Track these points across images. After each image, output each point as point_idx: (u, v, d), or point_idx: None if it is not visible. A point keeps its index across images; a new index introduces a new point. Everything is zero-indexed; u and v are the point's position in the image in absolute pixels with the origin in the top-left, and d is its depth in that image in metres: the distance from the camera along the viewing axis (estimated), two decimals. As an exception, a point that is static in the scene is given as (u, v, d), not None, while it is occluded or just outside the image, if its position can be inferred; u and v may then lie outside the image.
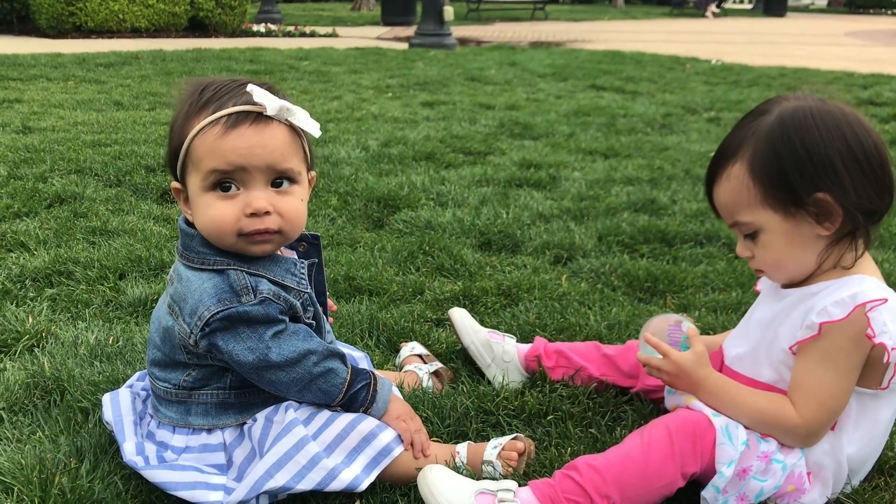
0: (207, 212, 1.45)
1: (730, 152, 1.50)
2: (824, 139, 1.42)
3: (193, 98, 1.48)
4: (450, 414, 1.80)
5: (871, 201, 1.44)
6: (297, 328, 1.53)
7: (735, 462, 1.45)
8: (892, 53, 12.64)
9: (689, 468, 1.47)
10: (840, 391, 1.46)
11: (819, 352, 1.45)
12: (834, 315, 1.42)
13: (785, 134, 1.44)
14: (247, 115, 1.44)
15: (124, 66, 7.93)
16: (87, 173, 3.78)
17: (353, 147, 4.52)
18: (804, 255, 1.49)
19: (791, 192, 1.44)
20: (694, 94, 7.15)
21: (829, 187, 1.42)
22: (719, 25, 20.23)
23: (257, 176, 1.45)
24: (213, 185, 1.45)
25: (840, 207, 1.42)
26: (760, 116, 1.49)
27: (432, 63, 9.15)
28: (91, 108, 5.59)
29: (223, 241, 1.47)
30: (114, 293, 2.46)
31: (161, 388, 1.57)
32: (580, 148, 4.78)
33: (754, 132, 1.47)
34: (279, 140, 1.46)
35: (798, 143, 1.42)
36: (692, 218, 3.37)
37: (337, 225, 3.22)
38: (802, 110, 1.45)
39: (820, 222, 1.45)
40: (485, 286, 2.54)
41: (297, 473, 1.44)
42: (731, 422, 1.50)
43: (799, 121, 1.44)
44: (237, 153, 1.42)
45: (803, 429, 1.48)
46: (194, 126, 1.44)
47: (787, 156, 1.43)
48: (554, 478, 1.48)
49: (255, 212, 1.44)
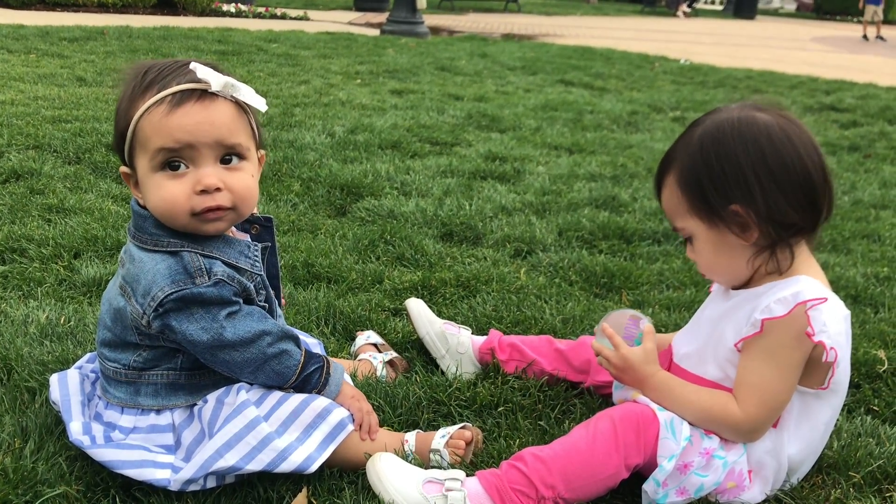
0: (158, 192, 1.45)
1: (667, 162, 1.57)
2: (738, 152, 1.45)
3: (137, 80, 1.47)
4: (402, 403, 1.81)
5: (788, 216, 1.46)
6: (252, 310, 1.54)
7: (676, 456, 1.48)
8: (855, 61, 12.87)
9: (633, 460, 1.50)
10: (782, 388, 1.49)
11: (761, 349, 1.49)
12: (775, 312, 1.46)
13: (703, 146, 1.49)
14: (192, 92, 1.43)
15: (89, 42, 7.77)
16: (45, 149, 3.72)
17: (318, 133, 4.50)
18: (733, 262, 1.54)
19: (708, 203, 1.49)
20: (661, 93, 7.22)
21: (742, 200, 1.46)
22: (690, 25, 20.41)
23: (206, 153, 1.45)
24: (161, 165, 1.44)
25: (755, 220, 1.47)
26: (694, 128, 1.54)
27: (403, 51, 9.12)
28: (53, 83, 5.48)
29: (176, 222, 1.47)
30: (68, 272, 2.42)
31: (111, 369, 1.56)
32: (546, 142, 4.81)
33: (686, 143, 1.53)
34: (226, 116, 1.46)
35: (713, 155, 1.47)
36: (651, 216, 3.41)
37: (298, 210, 3.21)
38: (725, 122, 1.49)
39: (741, 232, 1.49)
40: (444, 277, 2.55)
41: (246, 454, 1.45)
42: (675, 417, 1.53)
43: (718, 133, 1.48)
44: (184, 130, 1.42)
45: (745, 425, 1.51)
46: (139, 108, 1.44)
47: (704, 168, 1.48)
48: (501, 468, 1.50)
49: (206, 188, 1.44)
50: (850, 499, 1.60)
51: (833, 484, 1.65)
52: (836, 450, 1.73)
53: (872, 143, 5.57)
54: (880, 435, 1.82)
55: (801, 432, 1.57)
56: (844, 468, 1.69)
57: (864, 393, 2.03)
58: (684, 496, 1.52)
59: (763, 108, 1.52)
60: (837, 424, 1.81)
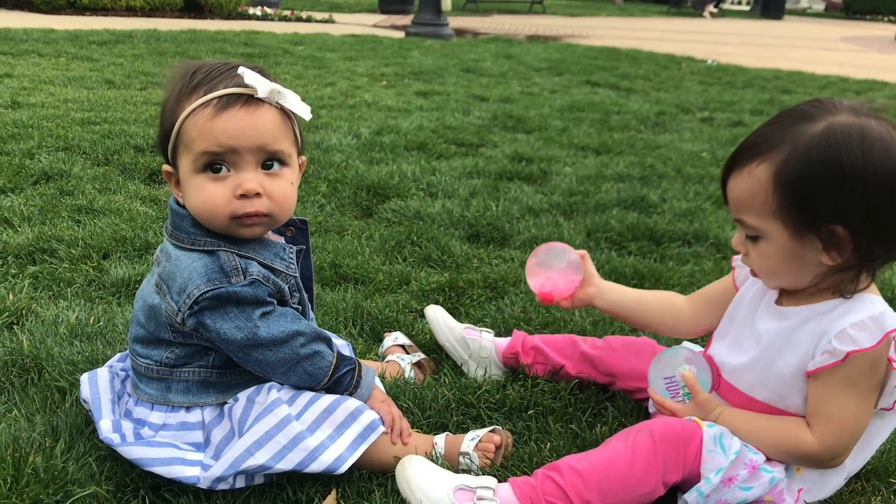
0: (199, 194, 1.46)
1: (759, 150, 1.38)
2: (867, 171, 1.28)
3: (185, 80, 1.48)
4: (431, 405, 1.80)
5: (887, 247, 1.36)
6: (285, 311, 1.54)
7: (724, 470, 1.44)
8: (886, 60, 12.68)
9: (671, 477, 1.46)
10: (861, 414, 1.42)
11: (841, 378, 1.39)
12: (861, 342, 1.36)
13: (828, 152, 1.30)
14: (238, 97, 1.44)
15: (117, 45, 7.85)
16: (75, 151, 3.75)
17: (344, 134, 4.50)
18: (800, 274, 1.42)
19: (809, 214, 1.33)
20: (688, 94, 7.15)
21: (851, 223, 1.31)
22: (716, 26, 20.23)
23: (248, 158, 1.45)
24: (203, 167, 1.45)
25: (853, 244, 1.34)
26: (805, 122, 1.35)
27: (428, 53, 9.12)
28: (82, 86, 5.54)
29: (215, 223, 1.48)
30: (97, 273, 2.43)
31: (142, 365, 1.56)
32: (572, 143, 4.77)
33: (794, 138, 1.34)
34: (270, 122, 1.46)
35: (837, 167, 1.29)
36: (681, 217, 3.37)
37: (325, 212, 3.20)
38: (855, 129, 1.30)
39: (827, 250, 1.36)
40: (471, 278, 2.53)
41: (277, 453, 1.44)
42: (725, 431, 1.48)
43: (847, 141, 1.29)
44: (228, 134, 1.42)
45: (824, 454, 1.45)
46: (185, 108, 1.45)
47: (821, 178, 1.30)
48: (535, 477, 1.47)
49: (246, 193, 1.45)
50: (892, 506, 1.56)
51: (874, 491, 1.61)
52: (877, 455, 1.69)
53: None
54: (922, 441, 1.77)
55: (862, 452, 1.52)
56: (885, 475, 1.65)
57: (904, 398, 1.98)
58: (722, 507, 1.48)
59: (873, 113, 1.34)
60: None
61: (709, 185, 3.94)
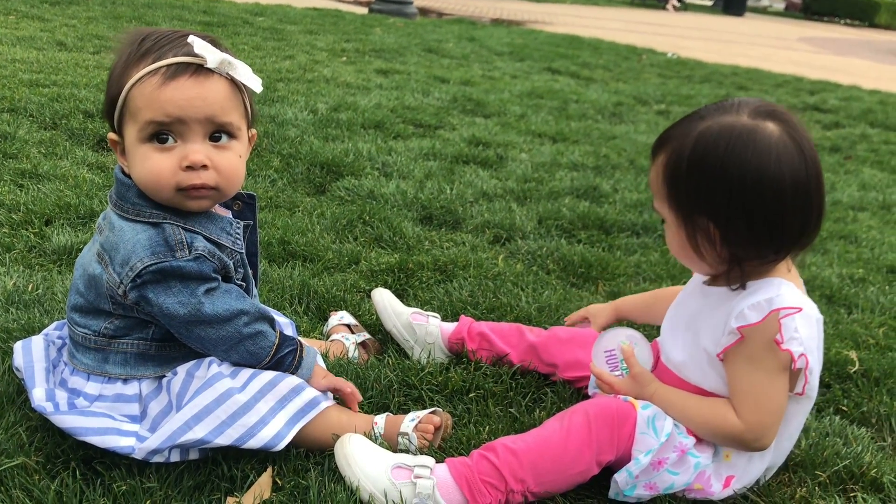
0: (144, 164, 1.43)
1: (662, 142, 1.51)
2: (728, 170, 1.37)
3: (133, 47, 1.45)
4: (373, 385, 1.80)
5: (758, 247, 1.42)
6: (230, 288, 1.52)
7: (653, 451, 1.47)
8: (841, 62, 12.94)
9: (605, 456, 1.49)
10: (773, 392, 1.46)
11: (744, 356, 1.46)
12: (750, 319, 1.44)
13: (697, 147, 1.41)
14: (187, 66, 1.42)
15: (71, 6, 7.62)
16: (21, 113, 3.64)
17: (300, 109, 4.45)
18: (696, 259, 1.50)
19: (681, 205, 1.46)
20: (647, 86, 7.21)
21: (716, 218, 1.42)
22: (679, 19, 20.42)
23: (195, 128, 1.43)
24: (150, 137, 1.43)
25: (720, 237, 1.43)
26: (699, 119, 1.46)
27: (391, 31, 9.03)
28: (31, 46, 5.37)
29: (160, 195, 1.45)
30: (38, 239, 2.38)
31: (80, 334, 1.54)
32: (530, 130, 4.79)
33: (683, 132, 1.46)
34: (219, 93, 1.44)
35: (702, 162, 1.40)
36: (631, 208, 3.41)
37: (277, 187, 3.17)
38: (729, 130, 1.40)
39: (706, 242, 1.45)
40: (421, 261, 2.53)
41: (215, 428, 1.43)
42: (658, 413, 1.52)
43: (718, 139, 1.40)
44: (175, 104, 1.40)
45: (749, 433, 1.48)
46: (133, 76, 1.42)
47: (688, 169, 1.42)
48: (471, 457, 1.48)
49: (192, 164, 1.43)
50: (816, 497, 1.61)
51: (799, 482, 1.66)
52: (804, 448, 1.74)
53: (854, 144, 5.61)
54: (847, 435, 1.83)
55: (780, 438, 1.56)
56: (811, 467, 1.70)
57: (835, 393, 2.04)
58: (652, 491, 1.51)
59: (778, 114, 1.43)
60: (806, 424, 1.82)
61: (661, 178, 3.98)
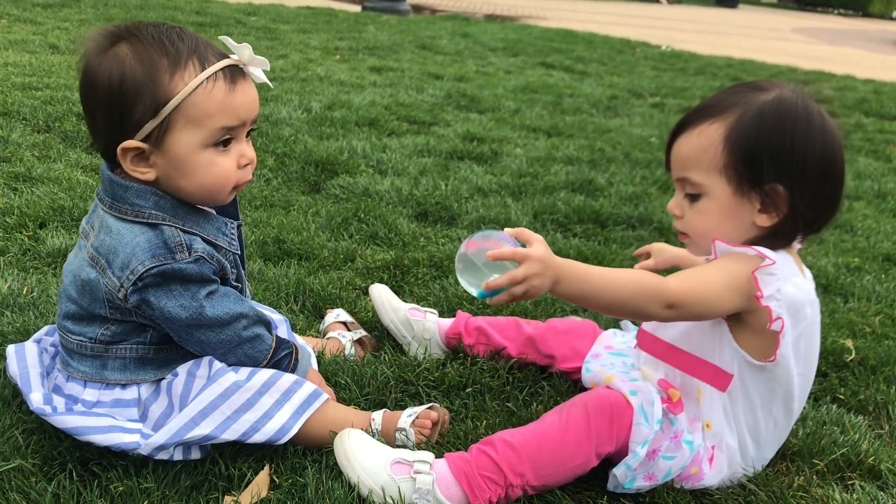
0: (209, 169, 1.44)
1: (711, 112, 1.49)
2: (809, 138, 1.44)
3: (155, 51, 1.39)
4: (370, 382, 1.80)
5: (817, 212, 1.48)
6: (228, 291, 1.53)
7: (649, 442, 1.48)
8: (835, 52, 12.94)
9: (604, 448, 1.49)
10: (716, 284, 1.42)
11: (716, 264, 1.47)
12: (732, 247, 1.46)
13: (777, 117, 1.44)
14: (238, 69, 1.46)
15: (63, 8, 7.60)
16: (14, 116, 3.63)
17: (295, 108, 4.44)
18: (734, 232, 1.50)
19: (755, 171, 1.45)
20: (641, 79, 7.21)
21: (791, 184, 1.44)
22: (673, 12, 20.40)
23: (245, 129, 1.49)
24: (217, 142, 1.44)
25: (789, 207, 1.45)
26: (756, 91, 1.49)
27: (384, 28, 9.02)
28: (24, 50, 5.35)
29: (219, 197, 1.49)
30: (32, 242, 2.37)
31: (74, 342, 1.52)
32: (524, 125, 4.79)
33: (746, 103, 1.47)
34: (257, 92, 1.51)
35: (785, 131, 1.44)
36: (627, 201, 3.41)
37: (272, 186, 3.17)
38: (800, 103, 1.47)
39: (764, 210, 1.47)
40: (417, 257, 2.53)
41: (221, 423, 1.44)
42: (645, 400, 1.52)
43: (794, 111, 1.45)
44: (245, 108, 1.45)
45: (672, 296, 1.39)
46: (182, 82, 1.39)
47: (770, 138, 1.44)
48: (470, 452, 1.48)
49: (250, 161, 1.49)
50: (813, 486, 1.62)
51: (797, 471, 1.67)
52: (801, 437, 1.74)
53: (848, 134, 5.60)
54: (845, 424, 1.84)
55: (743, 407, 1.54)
56: (808, 456, 1.70)
57: (831, 382, 2.05)
58: (651, 481, 1.51)
59: (813, 97, 1.51)
60: (803, 413, 1.82)
61: (655, 170, 3.99)
